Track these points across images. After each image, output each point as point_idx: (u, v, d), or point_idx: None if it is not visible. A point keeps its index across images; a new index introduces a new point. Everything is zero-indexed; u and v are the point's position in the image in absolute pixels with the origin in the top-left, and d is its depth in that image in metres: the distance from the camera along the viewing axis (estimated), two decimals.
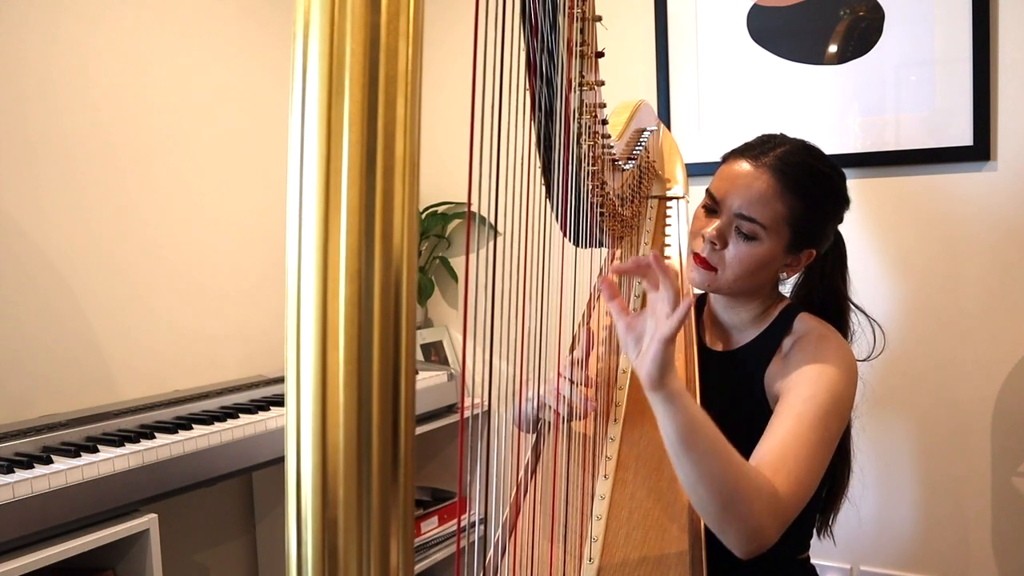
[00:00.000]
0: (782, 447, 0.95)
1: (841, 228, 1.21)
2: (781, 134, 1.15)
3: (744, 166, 1.09)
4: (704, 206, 1.14)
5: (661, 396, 0.86)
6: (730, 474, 0.86)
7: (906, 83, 1.84)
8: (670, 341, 0.83)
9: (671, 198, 1.46)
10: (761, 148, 1.11)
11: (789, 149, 1.10)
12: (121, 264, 1.83)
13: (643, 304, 1.30)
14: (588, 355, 1.14)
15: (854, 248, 1.27)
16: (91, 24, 1.77)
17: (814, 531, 1.24)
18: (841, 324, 1.20)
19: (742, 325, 1.20)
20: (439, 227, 2.42)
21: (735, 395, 1.16)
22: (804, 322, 1.13)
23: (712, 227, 1.10)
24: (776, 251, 1.10)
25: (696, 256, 1.13)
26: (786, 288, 1.25)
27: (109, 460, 1.34)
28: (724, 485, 0.86)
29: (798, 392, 1.01)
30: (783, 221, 1.08)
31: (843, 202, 1.15)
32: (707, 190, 1.14)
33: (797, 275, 1.21)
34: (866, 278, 1.31)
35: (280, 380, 1.96)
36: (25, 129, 1.66)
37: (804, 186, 1.08)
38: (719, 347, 1.23)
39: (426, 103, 0.37)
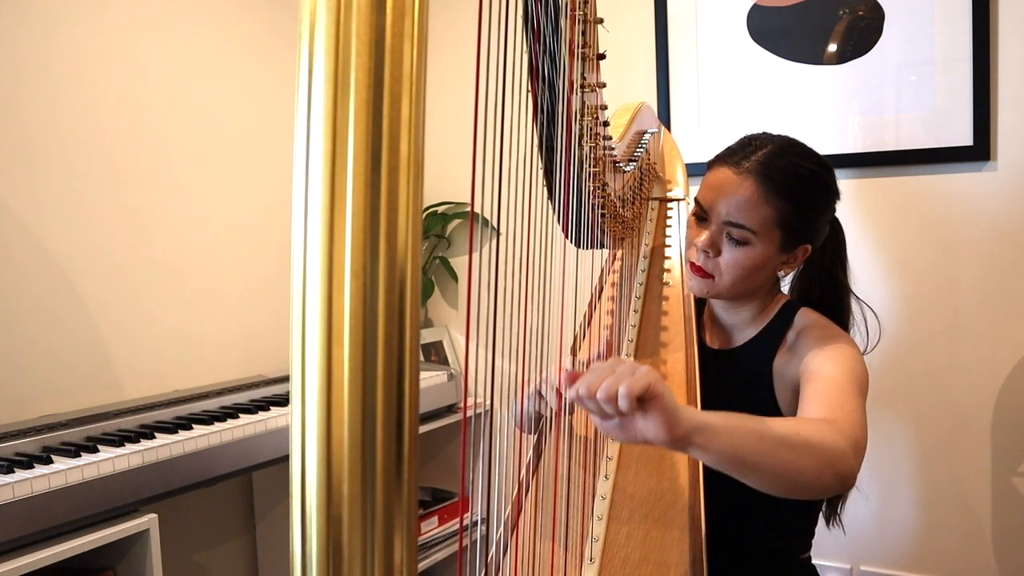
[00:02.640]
0: (826, 396, 0.95)
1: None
2: (763, 133, 1.15)
3: (727, 172, 1.10)
4: (694, 214, 1.15)
5: (685, 447, 0.80)
6: (786, 441, 0.82)
7: (906, 83, 1.84)
8: (650, 391, 0.76)
9: (672, 200, 1.47)
10: (743, 152, 1.11)
11: (771, 150, 1.10)
12: (121, 264, 1.84)
13: (644, 304, 1.31)
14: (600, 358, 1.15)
15: (853, 248, 1.27)
16: (92, 23, 1.77)
17: (822, 524, 1.25)
18: (841, 317, 1.20)
19: (742, 324, 1.20)
20: (439, 227, 2.42)
21: (736, 393, 1.16)
22: (805, 316, 1.15)
23: (703, 236, 1.12)
24: (770, 252, 1.10)
25: (692, 265, 1.14)
26: (785, 282, 1.25)
27: (109, 460, 1.34)
28: (791, 453, 0.82)
29: (820, 362, 1.02)
30: (772, 223, 1.09)
31: (832, 196, 1.15)
32: (695, 199, 1.15)
33: (796, 269, 1.22)
34: (865, 278, 1.31)
35: (280, 380, 1.97)
36: (26, 129, 1.66)
37: (789, 186, 1.08)
38: (717, 345, 1.24)
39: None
